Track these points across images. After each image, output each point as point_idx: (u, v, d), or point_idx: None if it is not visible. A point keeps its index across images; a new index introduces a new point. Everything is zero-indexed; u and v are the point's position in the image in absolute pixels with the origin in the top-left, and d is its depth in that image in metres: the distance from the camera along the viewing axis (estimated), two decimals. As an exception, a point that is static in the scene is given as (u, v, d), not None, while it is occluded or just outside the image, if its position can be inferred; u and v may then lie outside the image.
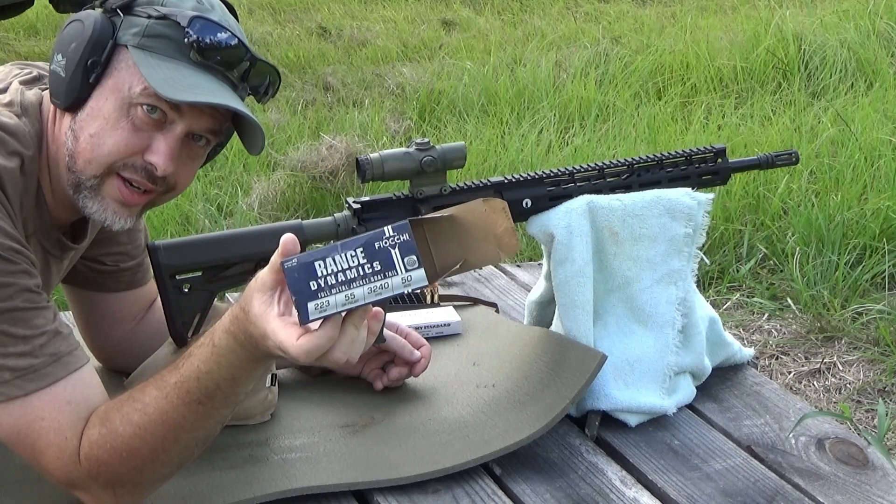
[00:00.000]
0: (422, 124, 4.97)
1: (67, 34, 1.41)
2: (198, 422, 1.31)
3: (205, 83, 1.39)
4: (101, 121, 1.38)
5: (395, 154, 1.62)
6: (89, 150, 1.39)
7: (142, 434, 1.30)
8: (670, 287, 1.69)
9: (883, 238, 3.43)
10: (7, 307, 1.30)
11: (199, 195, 3.99)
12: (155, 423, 1.30)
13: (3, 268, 1.30)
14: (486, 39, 6.56)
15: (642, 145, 4.33)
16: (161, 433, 1.30)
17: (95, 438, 1.31)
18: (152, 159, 1.39)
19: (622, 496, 1.47)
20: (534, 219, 1.70)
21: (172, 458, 1.33)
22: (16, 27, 7.14)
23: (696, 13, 6.75)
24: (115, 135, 1.38)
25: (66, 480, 1.34)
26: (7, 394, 1.30)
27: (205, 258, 1.55)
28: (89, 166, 1.39)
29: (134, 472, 1.32)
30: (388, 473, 1.48)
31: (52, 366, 1.32)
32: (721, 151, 1.78)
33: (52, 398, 1.31)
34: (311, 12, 7.63)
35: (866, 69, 5.18)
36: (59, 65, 1.39)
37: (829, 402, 2.79)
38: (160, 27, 1.39)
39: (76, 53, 1.38)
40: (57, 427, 1.31)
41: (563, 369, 1.63)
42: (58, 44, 1.41)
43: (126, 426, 1.30)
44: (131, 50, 1.38)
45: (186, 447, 1.33)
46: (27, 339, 1.31)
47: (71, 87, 1.38)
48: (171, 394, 1.29)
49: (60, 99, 1.40)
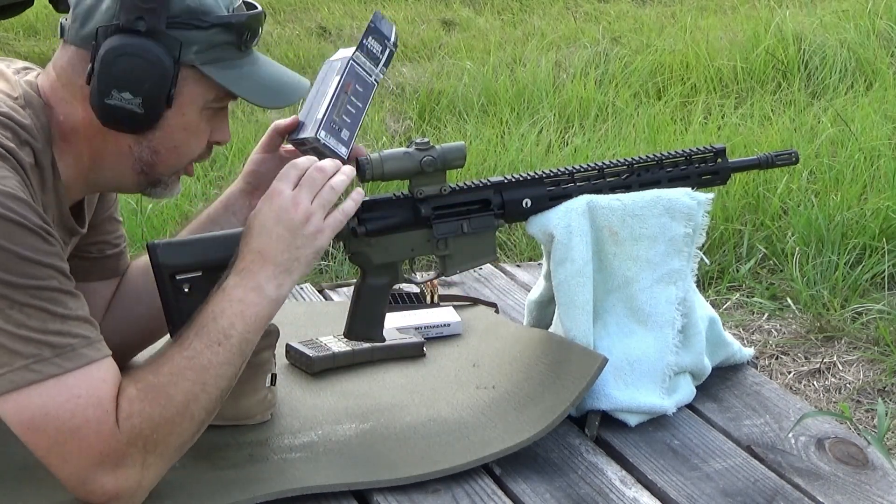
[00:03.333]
0: (421, 124, 4.97)
1: (131, 72, 1.39)
2: (220, 366, 1.39)
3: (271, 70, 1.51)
4: (181, 133, 1.48)
5: (394, 154, 1.62)
6: (174, 159, 1.50)
7: (175, 380, 1.37)
8: (670, 287, 1.69)
9: (883, 238, 3.43)
10: (47, 286, 1.31)
11: (199, 195, 3.99)
12: (184, 368, 1.38)
13: (42, 247, 1.32)
14: (485, 39, 6.55)
15: (642, 145, 4.32)
16: (191, 376, 1.37)
17: (134, 395, 1.35)
18: (219, 139, 1.54)
19: (622, 496, 1.47)
20: (533, 219, 1.70)
21: (199, 408, 1.38)
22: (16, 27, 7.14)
23: (696, 13, 6.75)
24: (196, 139, 1.51)
25: (100, 456, 1.33)
26: (46, 372, 1.30)
27: (205, 258, 1.55)
28: (171, 169, 1.51)
29: (168, 425, 1.36)
30: (387, 474, 1.48)
31: (87, 348, 1.33)
32: (721, 151, 1.78)
33: (88, 377, 1.32)
34: (311, 12, 7.63)
35: (866, 69, 5.18)
36: (132, 103, 1.41)
37: (829, 402, 2.79)
38: (217, 36, 1.44)
39: (155, 91, 1.41)
40: (96, 402, 1.32)
41: (563, 371, 1.63)
42: (119, 82, 1.40)
43: (159, 377, 1.37)
44: (201, 68, 1.44)
45: (210, 397, 1.39)
46: (65, 319, 1.32)
47: (149, 120, 1.44)
48: (193, 342, 1.39)
49: (134, 130, 1.45)
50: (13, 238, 1.29)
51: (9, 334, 1.29)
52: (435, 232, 1.66)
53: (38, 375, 1.30)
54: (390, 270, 1.67)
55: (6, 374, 1.29)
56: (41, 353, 1.30)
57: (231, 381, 1.42)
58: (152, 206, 3.75)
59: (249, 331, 1.42)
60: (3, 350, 1.29)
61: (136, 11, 1.38)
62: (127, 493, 1.35)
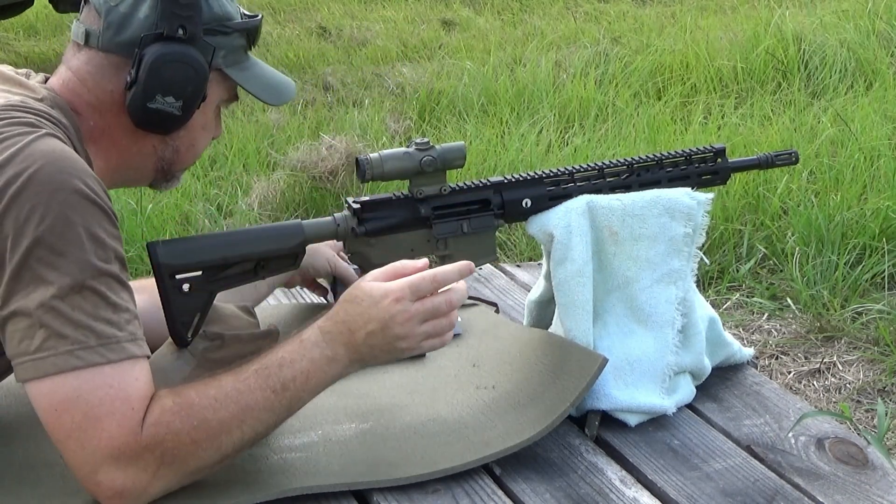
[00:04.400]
0: (421, 124, 4.97)
1: (177, 77, 1.46)
2: (264, 411, 1.39)
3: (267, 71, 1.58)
4: (199, 132, 1.56)
5: (394, 154, 1.62)
6: (191, 156, 1.58)
7: (216, 406, 1.37)
8: (670, 287, 1.69)
9: (883, 238, 3.43)
10: (108, 270, 1.32)
11: (199, 195, 3.99)
12: (230, 398, 1.38)
13: (111, 229, 1.34)
14: (485, 39, 6.55)
15: (642, 145, 4.32)
16: (233, 409, 1.37)
17: (169, 406, 1.35)
18: (216, 134, 1.61)
19: (622, 496, 1.47)
20: (533, 219, 1.70)
21: (229, 443, 1.38)
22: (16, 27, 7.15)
23: (696, 13, 6.75)
24: (207, 137, 1.59)
25: (114, 451, 1.32)
26: (88, 360, 1.30)
27: (205, 258, 1.55)
28: (187, 165, 1.59)
29: (193, 446, 1.36)
30: (387, 474, 1.48)
31: (130, 343, 1.34)
32: (721, 151, 1.78)
33: (124, 371, 1.32)
34: (311, 12, 7.63)
35: (866, 69, 5.18)
36: (174, 106, 1.47)
37: (829, 401, 2.79)
38: (235, 40, 1.53)
39: (195, 94, 1.49)
40: (125, 397, 1.32)
41: (563, 372, 1.63)
42: (166, 87, 1.45)
43: (202, 398, 1.37)
44: (227, 70, 1.53)
45: (243, 436, 1.39)
46: (116, 309, 1.33)
47: (183, 121, 1.50)
48: (249, 378, 1.39)
49: (167, 129, 1.51)
50: (87, 216, 1.31)
51: (60, 316, 1.29)
52: (435, 232, 1.66)
53: (80, 362, 1.30)
54: (390, 270, 1.67)
55: (50, 357, 1.29)
56: (87, 341, 1.30)
57: (269, 429, 1.42)
58: (152, 206, 3.76)
59: (305, 391, 1.43)
60: (51, 332, 1.29)
61: (176, 20, 1.45)
62: (132, 495, 1.35)
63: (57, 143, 1.35)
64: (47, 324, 1.29)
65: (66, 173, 1.31)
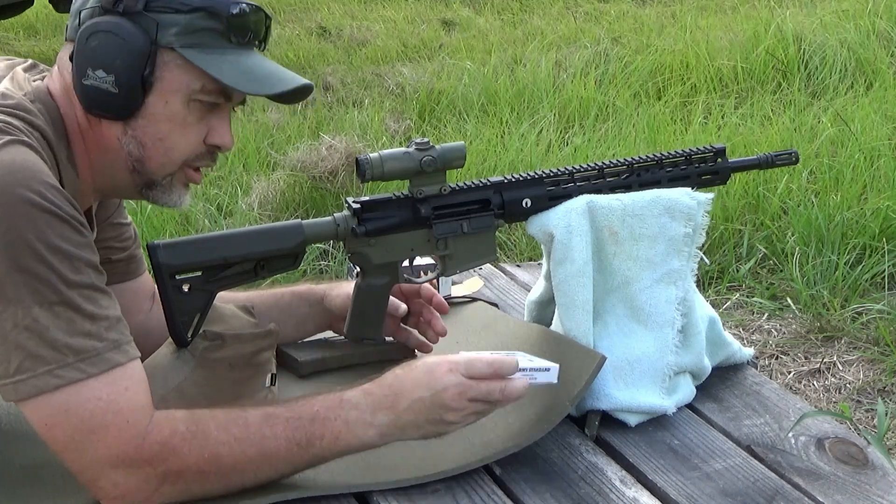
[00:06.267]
0: (421, 124, 4.97)
1: (103, 48, 1.39)
2: (282, 462, 1.36)
3: (263, 65, 1.46)
4: (166, 124, 1.43)
5: (394, 154, 1.62)
6: (162, 154, 1.44)
7: (235, 446, 1.34)
8: (670, 287, 1.69)
9: (883, 238, 3.43)
10: (78, 281, 1.29)
11: (199, 195, 3.99)
12: (252, 441, 1.34)
13: (75, 238, 1.29)
14: (485, 39, 6.56)
15: (642, 145, 4.33)
16: (252, 454, 1.34)
17: (182, 431, 1.32)
18: (217, 141, 1.48)
19: (622, 496, 1.47)
20: (533, 218, 1.70)
21: (238, 482, 1.36)
22: (16, 27, 7.15)
23: (696, 13, 6.76)
24: (184, 133, 1.44)
25: (116, 458, 1.31)
26: (68, 378, 1.28)
27: (205, 258, 1.55)
28: (163, 168, 1.46)
29: (199, 476, 1.33)
30: (387, 476, 1.48)
31: (113, 352, 1.31)
32: (721, 151, 1.78)
33: (111, 382, 1.30)
34: (311, 12, 7.63)
35: (866, 69, 5.19)
36: (105, 80, 1.39)
37: (829, 401, 2.79)
38: (199, 21, 1.41)
39: (127, 68, 1.39)
40: (116, 409, 1.30)
41: (562, 370, 1.62)
42: (89, 58, 1.40)
43: (221, 432, 1.33)
44: (180, 50, 1.40)
45: (254, 479, 1.36)
46: (94, 319, 1.30)
47: (127, 101, 1.40)
48: (277, 426, 1.36)
49: (113, 112, 1.41)
50: (45, 228, 1.26)
51: (35, 335, 1.26)
52: (435, 232, 1.66)
53: (60, 381, 1.28)
54: (390, 270, 1.67)
55: (29, 380, 1.27)
56: (65, 359, 1.27)
57: (283, 478, 1.39)
58: (152, 206, 3.75)
59: (332, 452, 1.39)
60: (27, 354, 1.26)
61: None
62: (135, 499, 1.34)
63: (19, 151, 1.29)
64: (22, 345, 1.26)
65: (22, 186, 1.26)
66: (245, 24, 1.44)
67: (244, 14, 1.43)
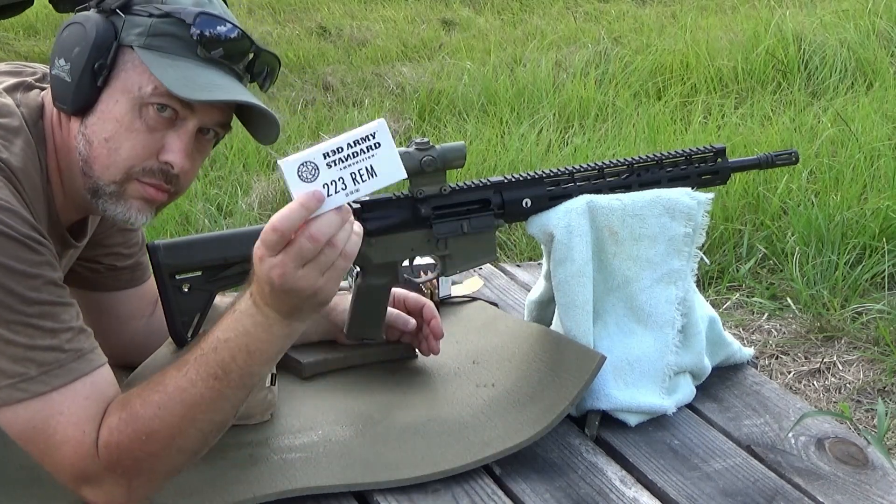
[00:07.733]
0: (421, 124, 4.97)
1: (68, 38, 1.40)
2: (214, 401, 1.31)
3: (216, 79, 1.39)
4: (113, 124, 1.38)
5: (394, 154, 1.61)
6: (106, 156, 1.39)
7: (161, 414, 1.31)
8: (670, 287, 1.69)
9: (883, 238, 3.43)
10: (36, 298, 1.29)
11: (199, 195, 3.99)
12: (174, 401, 1.31)
13: (29, 257, 1.29)
14: (485, 39, 6.56)
15: (642, 145, 4.33)
16: (179, 412, 1.31)
17: (115, 424, 1.32)
18: (168, 158, 1.40)
19: (622, 496, 1.47)
20: (533, 218, 1.70)
21: (188, 442, 1.33)
22: (16, 27, 7.14)
23: (696, 13, 6.75)
24: (130, 137, 1.38)
25: (80, 475, 1.33)
26: (32, 391, 1.29)
27: (205, 258, 1.55)
28: (107, 172, 1.40)
29: (151, 458, 1.32)
30: (387, 475, 1.48)
31: (77, 362, 1.32)
32: (721, 151, 1.78)
33: (73, 394, 1.31)
34: (311, 12, 7.63)
35: (866, 69, 5.19)
36: (63, 69, 1.38)
37: (829, 401, 2.79)
38: (165, 25, 1.38)
39: (81, 57, 1.37)
40: (76, 421, 1.31)
41: (562, 370, 1.63)
42: (58, 48, 1.40)
43: (146, 407, 1.31)
44: (138, 50, 1.38)
45: (202, 431, 1.33)
46: (55, 333, 1.30)
47: (78, 92, 1.38)
48: (189, 370, 1.31)
49: (67, 104, 1.39)
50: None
51: None
52: (435, 232, 1.66)
53: (24, 394, 1.29)
54: (390, 270, 1.67)
55: None
56: (28, 372, 1.29)
57: (230, 413, 1.34)
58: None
59: (252, 366, 1.31)
60: None
61: None
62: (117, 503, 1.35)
63: None
64: None
65: None
66: (213, 38, 1.38)
67: (210, 24, 1.38)
